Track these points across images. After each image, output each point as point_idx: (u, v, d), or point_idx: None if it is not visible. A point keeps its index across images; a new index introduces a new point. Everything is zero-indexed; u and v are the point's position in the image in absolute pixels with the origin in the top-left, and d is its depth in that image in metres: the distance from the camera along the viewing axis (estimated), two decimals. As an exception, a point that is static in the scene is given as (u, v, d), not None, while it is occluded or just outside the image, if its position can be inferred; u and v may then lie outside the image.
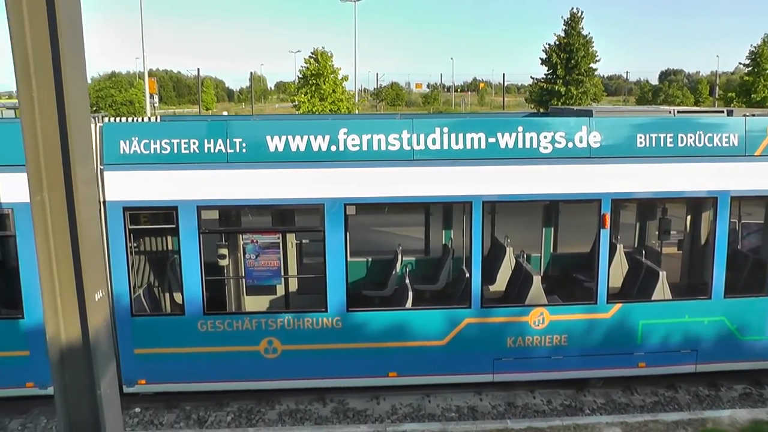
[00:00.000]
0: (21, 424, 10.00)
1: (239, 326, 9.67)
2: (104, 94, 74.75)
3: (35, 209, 5.12)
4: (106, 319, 5.65)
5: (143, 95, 54.71)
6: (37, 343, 9.31)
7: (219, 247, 10.28)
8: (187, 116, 23.26)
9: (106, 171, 9.21)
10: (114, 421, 5.76)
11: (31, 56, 4.92)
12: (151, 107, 51.89)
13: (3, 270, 11.30)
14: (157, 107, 60.43)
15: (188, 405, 10.23)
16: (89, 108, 5.68)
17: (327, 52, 47.70)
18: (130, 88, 79.03)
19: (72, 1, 5.07)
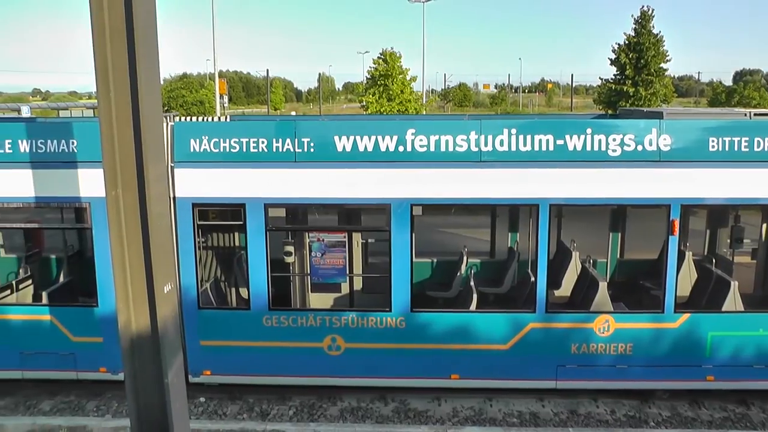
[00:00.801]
0: (96, 406, 10.53)
1: (303, 322, 9.84)
2: (176, 94, 77.39)
3: (110, 204, 5.38)
4: (174, 311, 5.88)
5: (213, 96, 56.09)
6: (110, 331, 9.75)
7: (285, 244, 10.49)
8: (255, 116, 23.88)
9: (176, 168, 9.56)
10: (180, 409, 5.99)
11: (110, 60, 5.19)
12: (221, 107, 53.16)
13: (79, 260, 11.93)
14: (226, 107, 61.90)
15: (251, 398, 10.48)
16: (162, 108, 5.93)
17: (395, 52, 47.93)
18: (200, 89, 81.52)
19: (148, 10, 5.31)
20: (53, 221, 11.54)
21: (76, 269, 11.78)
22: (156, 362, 5.57)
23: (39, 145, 9.84)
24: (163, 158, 5.96)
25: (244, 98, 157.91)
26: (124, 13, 5.10)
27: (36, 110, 67.56)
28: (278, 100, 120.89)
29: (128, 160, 5.30)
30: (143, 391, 5.75)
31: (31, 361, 10.37)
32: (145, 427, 5.88)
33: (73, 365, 10.28)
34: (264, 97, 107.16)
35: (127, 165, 5.30)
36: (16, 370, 10.44)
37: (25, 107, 57.71)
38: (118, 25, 5.13)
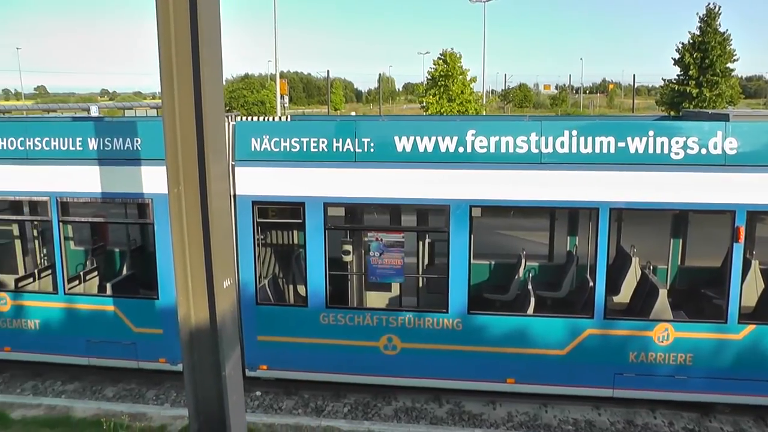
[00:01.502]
0: (155, 395, 10.90)
1: (360, 321, 9.91)
2: (237, 95, 78.99)
3: (172, 200, 5.55)
4: (233, 306, 6.03)
5: (274, 96, 56.91)
6: (170, 323, 10.08)
7: (343, 243, 10.58)
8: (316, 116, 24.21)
9: (237, 167, 9.77)
10: (237, 401, 6.13)
11: (175, 62, 5.37)
12: (281, 107, 53.90)
13: (142, 254, 12.34)
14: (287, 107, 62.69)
15: (306, 393, 10.62)
16: (224, 108, 6.07)
17: (456, 53, 47.76)
18: (261, 90, 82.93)
19: (212, 13, 5.47)
20: (117, 216, 11.97)
21: (138, 262, 12.19)
22: (214, 355, 5.72)
23: (106, 143, 10.25)
24: (225, 157, 6.10)
25: (304, 99, 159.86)
26: (189, 16, 5.26)
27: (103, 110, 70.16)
28: (338, 101, 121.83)
29: (190, 158, 5.45)
30: (201, 383, 5.91)
31: (96, 349, 10.81)
32: (202, 418, 6.04)
33: (134, 355, 10.66)
34: (324, 98, 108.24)
35: (189, 163, 5.46)
36: (83, 356, 10.93)
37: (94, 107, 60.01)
38: (183, 28, 5.30)
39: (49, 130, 10.61)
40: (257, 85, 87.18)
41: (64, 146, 10.42)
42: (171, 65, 5.39)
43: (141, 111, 67.08)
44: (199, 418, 6.07)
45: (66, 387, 11.32)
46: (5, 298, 11.14)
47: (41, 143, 10.54)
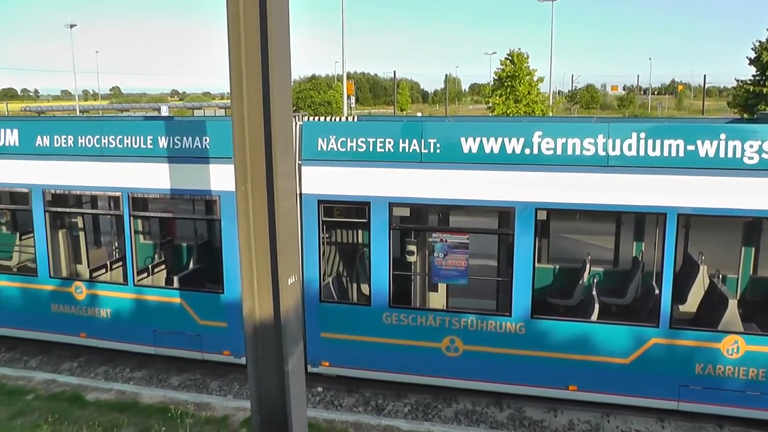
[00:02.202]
0: (219, 386, 11.18)
1: (423, 322, 9.91)
2: (304, 95, 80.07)
3: (239, 198, 5.69)
4: (297, 303, 6.13)
5: (341, 96, 57.37)
6: (234, 317, 10.36)
7: (408, 243, 10.62)
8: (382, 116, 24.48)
9: (303, 166, 9.93)
10: (299, 396, 6.23)
11: (245, 63, 5.50)
12: (348, 108, 54.31)
13: (208, 249, 12.69)
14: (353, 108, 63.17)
15: (368, 391, 10.69)
16: (291, 108, 6.18)
17: (523, 53, 47.13)
18: (328, 90, 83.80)
19: (281, 15, 5.57)
20: (186, 212, 12.33)
21: (204, 257, 12.54)
22: (277, 350, 5.83)
23: (176, 141, 10.58)
24: (292, 156, 6.20)
25: (370, 99, 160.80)
26: (259, 18, 5.38)
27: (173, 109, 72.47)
28: (404, 101, 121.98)
29: (258, 157, 5.58)
30: (265, 377, 6.03)
31: (162, 339, 11.19)
32: (264, 411, 6.16)
33: (199, 346, 10.97)
34: (390, 98, 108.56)
35: (256, 162, 5.58)
36: (150, 345, 11.34)
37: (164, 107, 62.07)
38: (252, 30, 5.42)
39: (122, 128, 11.05)
40: (324, 86, 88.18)
41: (136, 144, 10.83)
42: (241, 66, 5.53)
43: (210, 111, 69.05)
44: (261, 410, 6.20)
45: (134, 374, 11.77)
46: (81, 287, 11.67)
47: (115, 141, 10.98)
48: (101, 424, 8.75)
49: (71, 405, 10.26)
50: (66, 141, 11.33)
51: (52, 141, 11.42)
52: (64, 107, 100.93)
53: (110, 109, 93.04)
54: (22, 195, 11.97)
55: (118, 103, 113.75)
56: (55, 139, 11.38)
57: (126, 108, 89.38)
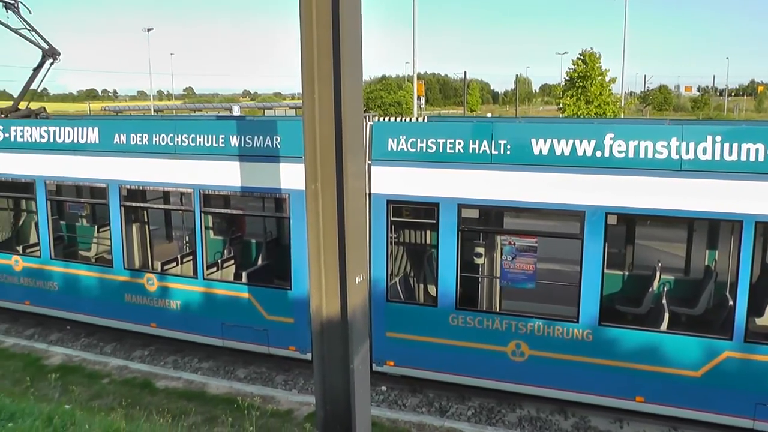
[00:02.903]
0: (284, 380, 11.41)
1: (489, 325, 9.82)
2: (374, 95, 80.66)
3: (309, 196, 5.74)
4: (364, 301, 6.15)
5: (411, 97, 57.40)
6: (301, 313, 10.51)
7: (476, 245, 10.53)
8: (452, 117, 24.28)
9: (373, 166, 9.98)
10: (363, 394, 6.24)
11: (316, 64, 5.54)
12: (417, 108, 54.31)
13: (276, 246, 12.91)
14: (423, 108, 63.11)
15: (431, 393, 10.67)
16: (362, 108, 6.21)
17: (595, 53, 46.09)
18: (398, 91, 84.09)
19: (354, 15, 5.60)
20: (255, 209, 12.57)
21: (273, 254, 12.77)
22: (343, 348, 5.85)
23: (247, 140, 10.80)
24: (362, 156, 6.22)
25: (440, 99, 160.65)
26: (331, 19, 5.41)
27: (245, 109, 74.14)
28: (475, 102, 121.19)
29: (328, 156, 5.61)
30: (330, 374, 6.07)
31: (230, 332, 11.45)
32: (329, 408, 6.20)
33: (265, 341, 11.17)
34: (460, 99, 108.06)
35: (327, 161, 5.61)
36: (217, 338, 11.64)
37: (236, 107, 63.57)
38: (324, 30, 5.46)
39: (195, 128, 11.37)
40: (394, 86, 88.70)
41: (208, 143, 11.11)
42: (312, 66, 5.57)
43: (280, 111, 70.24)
44: (325, 407, 6.23)
45: (202, 364, 12.10)
46: (153, 279, 12.05)
47: (188, 140, 11.30)
48: (170, 411, 9.04)
49: (142, 391, 10.68)
50: (141, 139, 11.76)
51: (129, 139, 11.88)
52: (140, 107, 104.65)
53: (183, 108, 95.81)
54: (100, 190, 12.50)
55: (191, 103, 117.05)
56: (132, 138, 11.84)
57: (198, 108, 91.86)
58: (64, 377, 10.53)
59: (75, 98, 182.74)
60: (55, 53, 14.82)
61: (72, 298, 13.19)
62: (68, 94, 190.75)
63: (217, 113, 47.25)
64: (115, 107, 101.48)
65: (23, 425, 5.85)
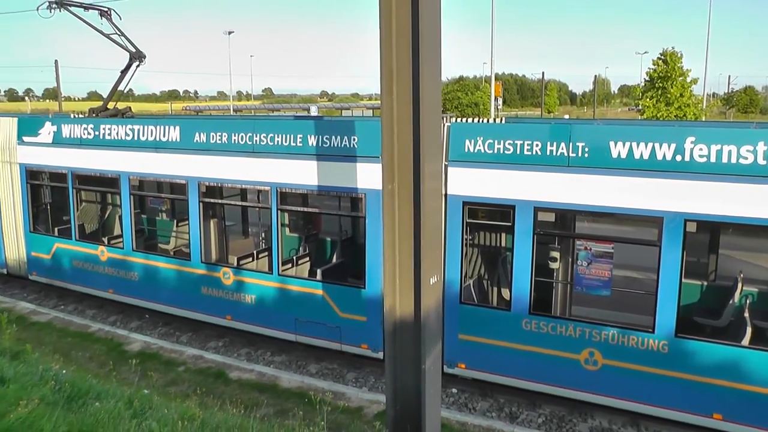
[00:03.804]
0: (354, 377, 11.50)
1: (563, 331, 9.62)
2: (451, 96, 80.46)
3: (386, 196, 5.77)
4: (438, 302, 6.14)
5: (488, 98, 56.93)
6: (374, 312, 10.56)
7: (551, 249, 10.34)
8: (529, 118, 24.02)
9: (450, 167, 9.93)
10: (433, 395, 6.24)
11: (395, 65, 5.57)
12: (494, 109, 53.79)
13: (351, 245, 13.02)
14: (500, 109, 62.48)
15: (502, 397, 10.54)
16: (440, 109, 6.20)
17: (676, 52, 44.48)
18: (475, 91, 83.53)
19: (433, 17, 5.60)
20: (331, 208, 12.70)
21: (347, 252, 12.89)
22: (416, 348, 5.86)
23: (324, 140, 10.94)
24: (439, 157, 6.23)
25: (517, 100, 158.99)
26: (411, 20, 5.43)
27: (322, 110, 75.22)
28: (552, 103, 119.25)
29: (406, 157, 5.63)
30: (401, 373, 6.09)
31: (303, 328, 11.63)
32: (399, 407, 6.23)
33: (338, 338, 11.28)
34: (538, 100, 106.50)
35: (404, 161, 5.63)
36: (291, 333, 11.85)
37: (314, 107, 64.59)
38: (404, 30, 5.48)
39: (273, 127, 11.60)
40: (471, 87, 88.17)
41: (286, 142, 11.31)
42: (391, 66, 5.60)
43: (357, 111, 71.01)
44: (395, 406, 6.26)
45: (274, 358, 12.34)
46: (229, 273, 12.37)
47: (266, 139, 11.54)
48: (242, 401, 9.23)
49: (216, 380, 10.98)
50: (221, 138, 12.09)
51: (209, 138, 12.24)
52: (220, 107, 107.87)
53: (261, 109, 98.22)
54: (180, 186, 12.91)
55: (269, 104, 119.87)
56: (211, 136, 12.20)
57: (276, 108, 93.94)
58: (143, 363, 10.92)
59: (158, 98, 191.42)
60: (141, 56, 15.56)
61: (151, 288, 13.70)
62: (152, 94, 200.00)
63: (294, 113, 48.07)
64: (196, 107, 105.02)
65: (107, 405, 6.15)
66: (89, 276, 14.82)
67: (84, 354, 12.29)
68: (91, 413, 5.82)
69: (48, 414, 5.35)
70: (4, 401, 5.56)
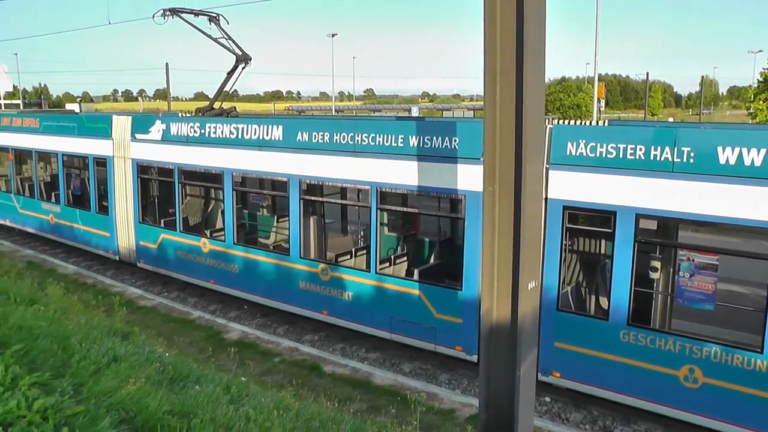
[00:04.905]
0: (448, 379, 11.45)
1: (662, 345, 9.17)
2: (553, 98, 79.22)
3: (486, 198, 5.73)
4: (535, 308, 6.04)
5: (590, 99, 55.45)
6: (470, 314, 10.48)
7: (652, 258, 9.91)
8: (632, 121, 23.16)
9: (551, 170, 9.70)
10: (527, 402, 6.14)
11: (499, 66, 5.51)
12: (597, 111, 52.28)
13: (449, 246, 12.98)
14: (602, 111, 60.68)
15: (596, 410, 10.21)
16: (544, 111, 6.09)
17: (795, 50, 41.69)
18: (578, 93, 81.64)
19: (538, 16, 5.51)
20: (430, 208, 12.69)
21: (445, 253, 12.85)
22: (511, 354, 5.79)
23: (425, 141, 10.95)
24: (541, 159, 6.11)
25: (620, 102, 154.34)
26: (516, 20, 5.36)
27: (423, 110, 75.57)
28: (656, 105, 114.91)
29: (507, 158, 5.56)
30: (495, 378, 6.03)
31: (398, 327, 11.69)
32: (491, 412, 6.16)
33: (433, 338, 11.27)
34: (641, 102, 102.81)
35: (506, 163, 5.57)
36: (385, 331, 11.93)
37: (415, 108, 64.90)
38: (508, 29, 5.42)
39: (375, 127, 11.72)
40: (574, 88, 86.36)
41: (387, 142, 11.39)
42: (495, 66, 5.55)
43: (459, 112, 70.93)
44: (488, 411, 6.20)
45: (369, 354, 12.49)
46: (327, 269, 12.60)
47: (368, 139, 11.67)
48: (336, 395, 9.38)
49: (310, 373, 11.23)
50: (323, 137, 12.34)
51: (311, 137, 12.51)
52: (321, 107, 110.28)
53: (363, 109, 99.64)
54: (282, 183, 13.27)
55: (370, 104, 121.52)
56: (313, 136, 12.45)
57: (378, 108, 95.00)
58: (240, 351, 11.28)
59: (261, 99, 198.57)
60: (247, 58, 16.17)
61: (250, 280, 14.16)
62: (256, 95, 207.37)
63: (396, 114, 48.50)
64: (298, 107, 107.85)
65: (206, 389, 6.39)
66: (192, 266, 15.50)
67: (185, 339, 12.87)
68: (192, 395, 6.07)
69: (153, 393, 5.63)
70: (117, 377, 5.91)
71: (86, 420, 4.79)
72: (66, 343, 6.71)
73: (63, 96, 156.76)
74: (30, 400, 4.78)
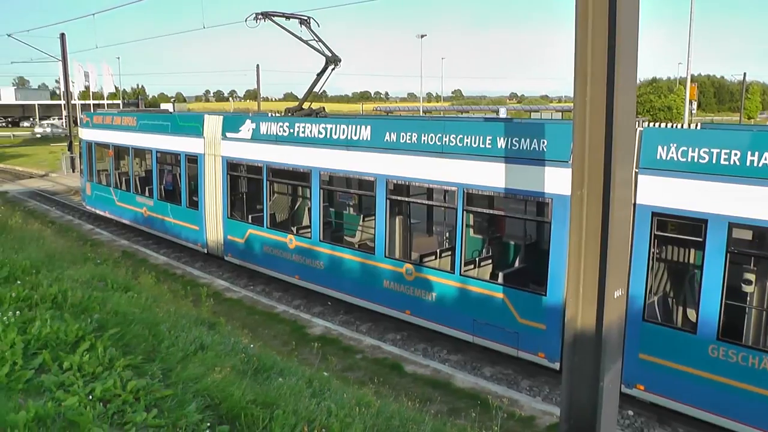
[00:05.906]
0: (529, 385, 11.27)
1: (755, 363, 8.65)
2: (643, 99, 76.80)
3: (574, 203, 5.62)
4: (621, 317, 5.89)
5: (682, 101, 53.24)
6: (554, 321, 10.27)
7: (745, 270, 9.42)
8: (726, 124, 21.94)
9: (640, 174, 9.36)
10: (610, 415, 5.99)
11: (590, 68, 5.41)
12: (689, 114, 50.04)
13: (535, 250, 12.79)
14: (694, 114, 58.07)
15: (681, 427, 9.75)
16: (635, 114, 5.93)
17: None
18: (669, 94, 78.68)
19: (631, 16, 5.37)
20: (516, 211, 12.53)
21: (530, 257, 12.66)
22: (595, 363, 5.66)
23: (513, 142, 10.81)
24: (631, 163, 5.95)
25: (714, 104, 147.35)
26: (608, 21, 5.24)
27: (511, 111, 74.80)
28: (753, 108, 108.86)
29: (597, 162, 5.45)
30: (578, 388, 5.91)
31: (481, 330, 11.60)
32: (572, 423, 6.04)
33: (515, 343, 11.12)
34: (737, 104, 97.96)
35: (595, 167, 5.46)
36: (468, 333, 11.87)
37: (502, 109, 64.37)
38: (600, 33, 5.31)
39: (462, 128, 11.66)
40: (665, 90, 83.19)
41: (475, 143, 11.32)
42: (586, 69, 5.45)
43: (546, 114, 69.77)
44: (569, 421, 6.09)
45: (450, 356, 12.46)
46: (411, 269, 12.65)
47: (455, 140, 11.63)
48: (416, 395, 9.40)
49: (391, 372, 11.30)
50: (410, 138, 12.38)
51: (398, 137, 12.57)
52: (409, 108, 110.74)
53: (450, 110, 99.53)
54: (368, 182, 13.40)
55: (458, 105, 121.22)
56: (401, 136, 12.51)
57: (465, 110, 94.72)
58: (323, 347, 11.46)
59: (349, 99, 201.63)
60: (337, 60, 16.45)
61: (335, 278, 14.38)
62: (344, 95, 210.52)
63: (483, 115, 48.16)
64: (386, 108, 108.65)
65: (289, 382, 6.55)
66: (277, 261, 15.89)
67: (269, 332, 13.22)
68: (275, 387, 6.24)
69: (237, 382, 5.84)
70: (203, 364, 6.17)
71: (174, 403, 5.07)
72: (156, 329, 7.07)
73: (158, 96, 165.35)
74: (124, 380, 5.15)
